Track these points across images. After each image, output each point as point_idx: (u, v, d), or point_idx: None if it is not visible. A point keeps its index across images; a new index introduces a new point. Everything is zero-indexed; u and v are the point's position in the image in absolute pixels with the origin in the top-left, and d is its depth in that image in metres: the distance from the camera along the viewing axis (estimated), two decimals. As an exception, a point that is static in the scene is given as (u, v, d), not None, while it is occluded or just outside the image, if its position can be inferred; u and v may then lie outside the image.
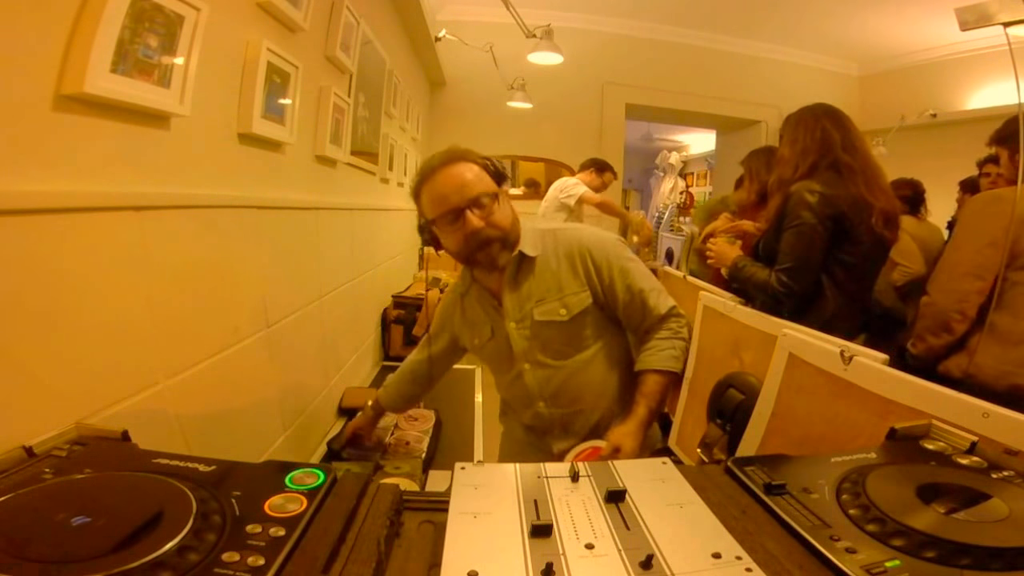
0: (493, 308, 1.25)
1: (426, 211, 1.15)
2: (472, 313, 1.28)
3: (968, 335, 1.41)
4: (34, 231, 0.77)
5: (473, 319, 1.28)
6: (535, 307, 1.19)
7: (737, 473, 0.65)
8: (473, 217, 1.07)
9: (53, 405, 0.78)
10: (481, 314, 1.26)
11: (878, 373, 1.09)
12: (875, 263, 1.56)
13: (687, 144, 8.81)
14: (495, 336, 1.24)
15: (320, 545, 0.48)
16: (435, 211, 1.10)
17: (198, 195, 1.18)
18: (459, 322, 1.31)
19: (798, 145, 1.59)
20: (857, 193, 1.50)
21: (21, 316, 0.75)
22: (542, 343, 1.21)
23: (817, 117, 1.59)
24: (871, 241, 1.50)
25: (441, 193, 1.09)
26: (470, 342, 1.30)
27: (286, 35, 1.54)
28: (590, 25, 4.73)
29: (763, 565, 0.47)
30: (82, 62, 0.80)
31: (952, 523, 0.53)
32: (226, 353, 1.29)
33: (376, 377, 2.93)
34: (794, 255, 1.51)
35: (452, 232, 1.10)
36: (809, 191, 1.49)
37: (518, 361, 1.22)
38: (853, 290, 1.54)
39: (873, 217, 1.48)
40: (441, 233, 1.14)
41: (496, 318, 1.24)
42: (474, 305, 1.27)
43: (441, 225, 1.11)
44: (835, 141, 1.54)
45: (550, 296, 1.20)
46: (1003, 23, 1.31)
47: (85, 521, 0.46)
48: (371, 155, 2.67)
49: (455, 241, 1.11)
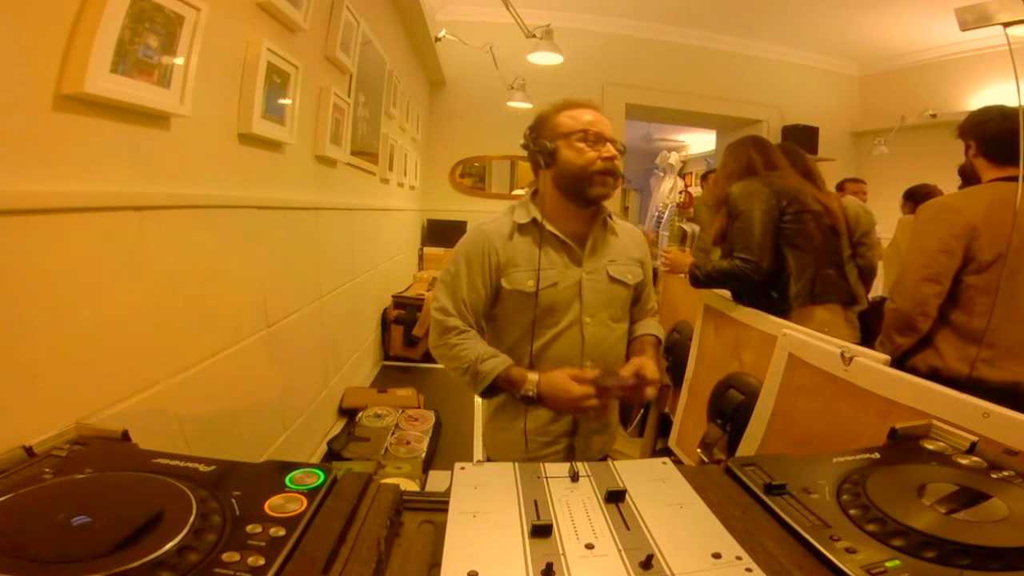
0: (564, 252, 1.21)
1: (562, 126, 1.16)
2: (530, 253, 1.19)
3: (932, 333, 1.51)
4: (34, 231, 0.77)
5: (531, 259, 1.18)
6: (608, 265, 1.23)
7: (737, 473, 0.65)
8: (612, 147, 1.15)
9: (53, 405, 0.78)
10: (544, 256, 1.19)
11: (878, 373, 1.09)
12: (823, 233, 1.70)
13: (687, 144, 8.81)
14: (558, 283, 1.19)
15: (320, 545, 0.48)
16: (579, 126, 1.15)
17: (198, 195, 1.18)
18: (505, 260, 1.19)
19: (727, 169, 1.88)
20: (783, 182, 1.74)
21: (21, 316, 0.75)
22: (607, 300, 1.22)
23: (745, 146, 1.87)
24: (812, 214, 1.70)
25: (591, 118, 1.16)
26: (522, 283, 1.18)
27: (286, 35, 1.54)
28: (590, 25, 4.73)
29: (763, 565, 0.47)
30: (82, 62, 0.80)
31: (952, 523, 0.53)
32: (226, 353, 1.29)
33: (376, 377, 2.93)
34: (747, 237, 1.66)
35: (587, 150, 1.14)
36: (742, 186, 1.74)
37: (582, 312, 1.20)
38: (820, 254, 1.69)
39: (804, 196, 1.70)
40: (570, 149, 1.15)
41: (564, 263, 1.20)
42: (532, 246, 1.20)
43: (576, 141, 1.14)
44: (757, 163, 1.81)
45: (620, 259, 1.25)
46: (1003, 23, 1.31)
47: (85, 521, 0.46)
48: (371, 155, 2.67)
49: (586, 159, 1.14)
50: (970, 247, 1.42)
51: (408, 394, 2.52)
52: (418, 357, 3.20)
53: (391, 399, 2.45)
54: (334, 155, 2.01)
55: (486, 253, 1.19)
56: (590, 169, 1.14)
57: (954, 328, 1.47)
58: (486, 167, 5.05)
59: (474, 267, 1.19)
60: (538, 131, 1.20)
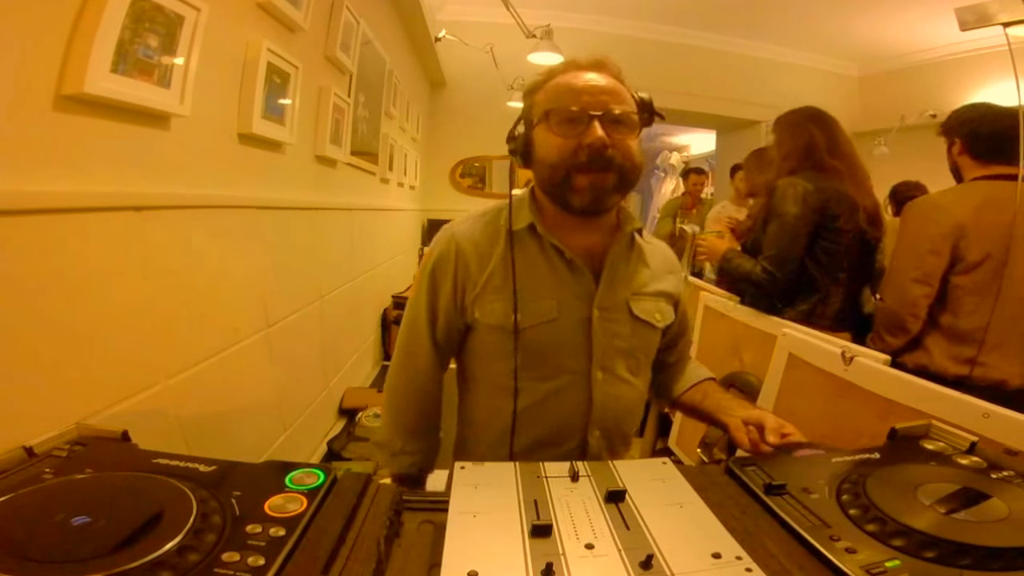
0: (571, 276, 0.86)
1: (539, 106, 0.84)
2: (521, 273, 0.84)
3: (921, 332, 1.52)
4: (34, 231, 0.77)
5: (522, 283, 0.84)
6: (631, 298, 0.89)
7: (737, 473, 0.65)
8: (599, 127, 0.79)
9: (53, 405, 0.78)
10: (542, 279, 0.86)
11: (879, 374, 1.09)
12: (852, 257, 1.59)
13: (687, 144, 8.81)
14: (560, 318, 0.85)
15: (320, 545, 0.48)
16: (553, 103, 0.81)
17: (198, 195, 1.18)
18: (482, 282, 0.85)
19: (783, 148, 1.65)
20: (843, 188, 1.55)
21: (22, 316, 0.75)
22: (628, 348, 0.90)
23: (803, 121, 1.64)
24: (853, 235, 1.56)
25: (572, 87, 0.81)
26: (503, 317, 0.83)
27: (286, 35, 1.54)
28: (590, 25, 4.73)
29: (763, 565, 0.47)
30: (82, 62, 0.80)
31: (952, 523, 0.53)
32: (226, 353, 1.29)
33: (376, 377, 2.93)
34: (777, 245, 1.56)
35: (562, 137, 0.80)
36: (792, 185, 1.55)
37: (591, 363, 0.87)
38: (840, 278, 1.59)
39: (859, 213, 1.55)
40: (544, 137, 0.83)
41: (569, 292, 0.86)
42: (526, 264, 0.86)
43: (551, 124, 0.81)
44: (819, 145, 1.58)
45: (647, 291, 0.92)
46: (1003, 23, 1.31)
47: (85, 521, 0.46)
48: (371, 155, 2.67)
49: (560, 151, 0.80)
50: (957, 246, 1.42)
51: (408, 394, 2.52)
52: (418, 357, 3.20)
53: (391, 399, 2.45)
54: (334, 155, 2.01)
55: (454, 265, 0.87)
56: (565, 168, 0.80)
57: (942, 328, 1.47)
58: (486, 167, 5.05)
59: (440, 285, 0.87)
60: (528, 109, 0.89)
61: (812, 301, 1.60)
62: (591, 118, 0.79)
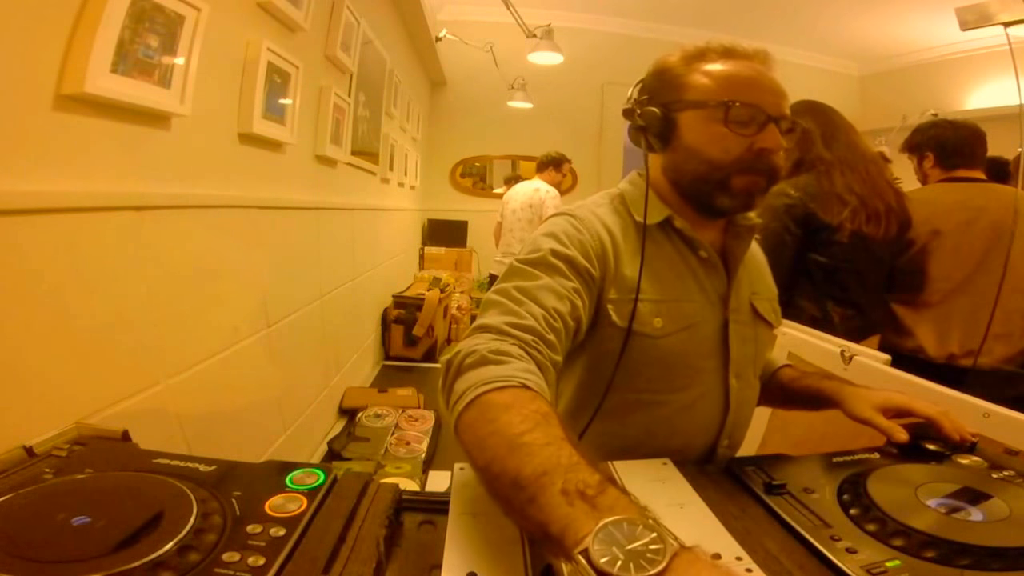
0: (708, 276, 0.79)
1: (693, 88, 0.74)
2: (657, 272, 0.76)
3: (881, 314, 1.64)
4: (34, 231, 0.77)
5: (658, 281, 0.76)
6: (753, 298, 0.84)
7: (737, 473, 0.65)
8: (778, 133, 0.73)
9: (53, 405, 0.78)
10: (682, 279, 0.78)
11: (878, 373, 1.09)
12: (855, 263, 1.50)
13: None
14: (695, 324, 0.77)
15: (320, 545, 0.48)
16: (730, 94, 0.71)
17: (198, 195, 1.18)
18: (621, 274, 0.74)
19: None
20: (831, 192, 1.46)
21: (21, 316, 0.75)
22: (756, 351, 0.84)
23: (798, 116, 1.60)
24: (849, 241, 1.45)
25: (753, 82, 0.73)
26: (644, 319, 0.74)
27: (286, 35, 1.54)
28: (590, 25, 4.73)
29: (763, 565, 0.47)
30: (82, 62, 0.80)
31: (952, 523, 0.53)
32: (226, 353, 1.29)
33: (377, 377, 2.93)
34: None
35: (733, 133, 0.71)
36: (776, 195, 1.46)
37: (729, 371, 0.80)
38: (835, 294, 1.51)
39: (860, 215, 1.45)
40: (705, 127, 0.73)
41: (704, 296, 0.79)
42: (660, 260, 0.77)
43: (718, 115, 0.72)
44: (814, 138, 1.52)
45: (762, 289, 0.87)
46: (1003, 23, 1.31)
47: (85, 521, 0.46)
48: (371, 155, 2.67)
49: (727, 148, 0.71)
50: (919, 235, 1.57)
51: (408, 394, 2.52)
52: (418, 357, 3.21)
53: (391, 399, 2.46)
54: (334, 155, 2.01)
55: (602, 244, 0.74)
56: (729, 168, 0.72)
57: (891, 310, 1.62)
58: (487, 167, 5.06)
59: (579, 263, 0.72)
60: (654, 91, 0.76)
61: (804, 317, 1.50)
62: (769, 119, 0.72)
